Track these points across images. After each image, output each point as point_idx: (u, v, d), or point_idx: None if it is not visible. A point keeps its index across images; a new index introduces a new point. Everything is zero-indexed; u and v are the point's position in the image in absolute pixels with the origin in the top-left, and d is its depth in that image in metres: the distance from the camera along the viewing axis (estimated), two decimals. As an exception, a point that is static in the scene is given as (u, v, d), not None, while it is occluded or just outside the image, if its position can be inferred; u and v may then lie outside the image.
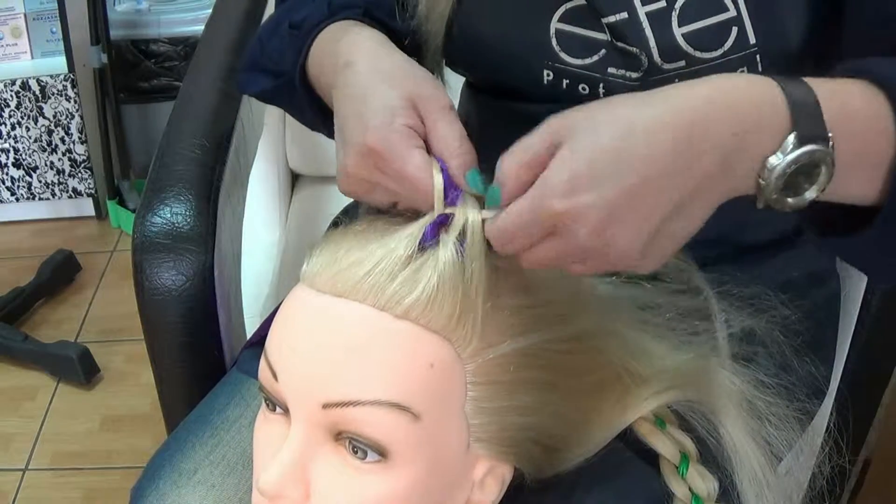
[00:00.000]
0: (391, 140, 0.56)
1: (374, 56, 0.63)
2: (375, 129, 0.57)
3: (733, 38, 0.66)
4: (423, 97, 0.58)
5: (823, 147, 0.51)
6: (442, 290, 0.53)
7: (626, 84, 0.69)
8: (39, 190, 2.17)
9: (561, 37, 0.70)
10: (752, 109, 0.51)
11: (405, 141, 0.56)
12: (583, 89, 0.70)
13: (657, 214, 0.51)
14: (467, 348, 0.54)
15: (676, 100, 0.51)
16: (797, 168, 0.51)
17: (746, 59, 0.66)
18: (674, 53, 0.67)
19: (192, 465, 0.74)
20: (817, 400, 0.79)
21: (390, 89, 0.59)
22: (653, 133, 0.49)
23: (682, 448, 0.62)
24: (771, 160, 0.51)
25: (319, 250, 0.57)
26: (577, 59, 0.70)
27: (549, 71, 0.71)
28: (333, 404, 0.53)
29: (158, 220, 0.84)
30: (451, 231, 0.55)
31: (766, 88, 0.52)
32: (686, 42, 0.66)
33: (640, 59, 0.68)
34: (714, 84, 0.52)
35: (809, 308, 0.78)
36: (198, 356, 0.86)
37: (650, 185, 0.49)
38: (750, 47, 0.66)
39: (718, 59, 0.66)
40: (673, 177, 0.50)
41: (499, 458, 0.58)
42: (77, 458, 1.65)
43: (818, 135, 0.51)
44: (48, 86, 2.06)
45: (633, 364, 0.61)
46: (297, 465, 0.54)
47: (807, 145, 0.51)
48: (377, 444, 0.53)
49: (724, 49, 0.66)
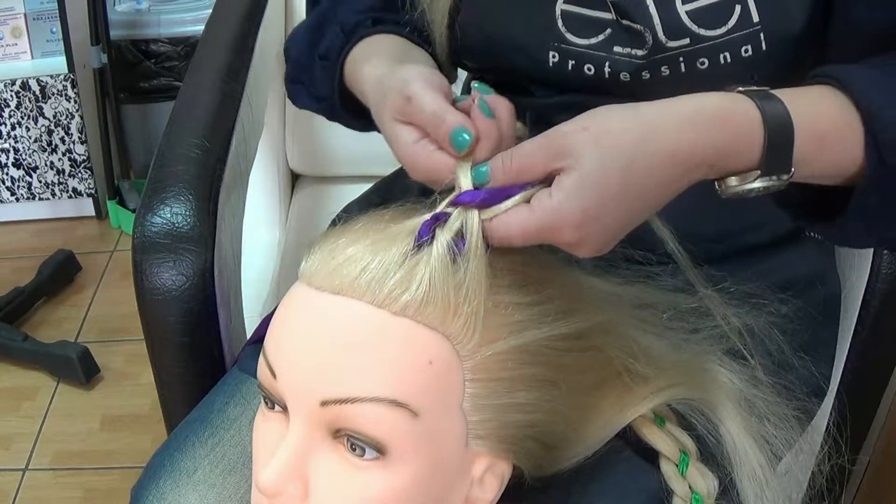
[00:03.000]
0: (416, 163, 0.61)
1: (378, 66, 0.68)
2: (404, 157, 0.62)
3: (737, 15, 0.66)
4: (398, 109, 0.61)
5: (782, 181, 0.58)
6: (438, 286, 0.53)
7: (631, 62, 0.69)
8: (39, 190, 2.17)
9: (567, 17, 0.71)
10: (733, 145, 0.57)
11: (422, 154, 0.60)
12: (588, 70, 0.71)
13: (634, 224, 0.57)
14: (466, 345, 0.54)
15: (676, 132, 0.56)
16: (748, 191, 0.58)
17: (750, 37, 0.67)
18: (678, 31, 0.68)
19: (192, 465, 0.74)
20: (817, 399, 0.79)
21: (381, 122, 0.64)
22: (651, 171, 0.55)
23: (682, 446, 0.62)
24: (730, 181, 0.58)
25: (317, 248, 0.57)
26: (583, 38, 0.71)
27: (555, 52, 0.71)
28: (332, 401, 0.53)
29: (158, 220, 0.84)
30: (446, 230, 0.55)
31: (754, 124, 0.57)
32: (690, 19, 0.67)
33: (644, 37, 0.68)
34: (714, 114, 0.57)
35: (809, 308, 0.78)
36: (198, 356, 0.86)
37: (641, 208, 0.56)
38: (753, 25, 0.67)
39: (722, 37, 0.67)
40: (659, 198, 0.57)
41: (498, 456, 0.58)
42: (77, 458, 1.65)
43: (781, 171, 0.58)
44: (48, 86, 2.06)
45: (633, 362, 0.61)
46: (295, 463, 0.54)
47: (766, 178, 0.57)
48: (375, 441, 0.53)
49: (727, 27, 0.67)
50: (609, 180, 0.54)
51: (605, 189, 0.54)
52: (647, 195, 0.56)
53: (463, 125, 0.57)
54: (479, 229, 0.55)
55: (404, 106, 0.60)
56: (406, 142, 0.61)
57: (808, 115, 0.58)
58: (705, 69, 0.68)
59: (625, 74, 0.70)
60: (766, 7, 0.67)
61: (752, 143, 0.57)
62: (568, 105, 0.73)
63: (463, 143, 0.57)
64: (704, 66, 0.68)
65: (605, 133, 0.54)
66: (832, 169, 0.60)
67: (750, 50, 0.67)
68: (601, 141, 0.54)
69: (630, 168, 0.54)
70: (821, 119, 0.58)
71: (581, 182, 0.53)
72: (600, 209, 0.54)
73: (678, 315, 0.65)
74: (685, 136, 0.55)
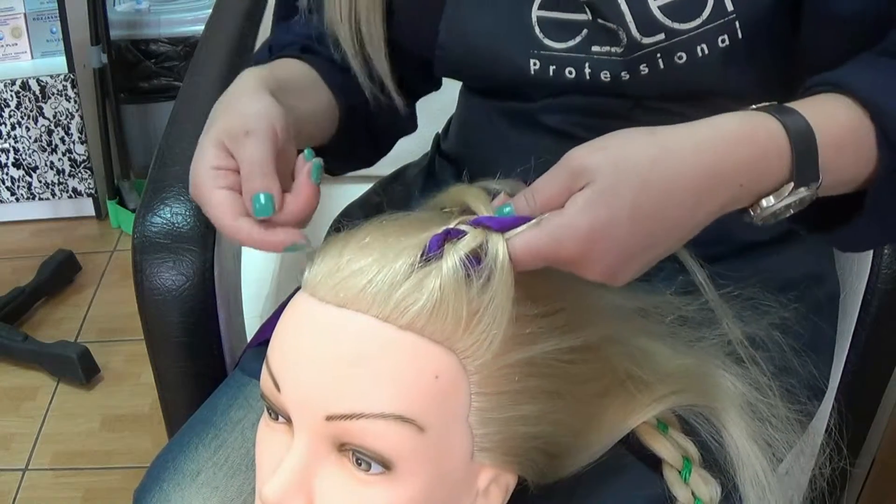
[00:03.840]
0: (198, 187, 0.62)
1: (228, 97, 0.68)
2: (193, 176, 0.63)
3: (710, 6, 0.66)
4: (229, 132, 0.62)
5: (813, 190, 0.57)
6: (446, 300, 0.52)
7: (611, 60, 0.69)
8: (39, 190, 2.17)
9: (543, 23, 0.70)
10: (762, 161, 0.56)
11: (207, 183, 0.61)
12: (569, 73, 0.71)
13: (659, 251, 0.56)
14: (474, 361, 0.54)
15: (696, 152, 0.55)
16: (785, 207, 0.57)
17: (725, 26, 0.66)
18: (651, 27, 0.67)
19: (195, 467, 0.73)
20: (817, 401, 0.79)
21: (206, 132, 0.64)
22: (667, 191, 0.54)
23: (685, 452, 0.62)
24: (766, 201, 0.57)
25: (321, 257, 0.56)
26: (561, 42, 0.70)
27: (535, 60, 0.71)
28: (337, 417, 0.52)
29: (158, 220, 0.84)
30: (459, 247, 0.54)
31: (778, 137, 0.56)
32: (663, 14, 0.66)
33: (619, 36, 0.68)
34: (735, 133, 0.56)
35: (809, 308, 0.78)
36: (198, 356, 0.86)
37: (659, 231, 0.55)
38: (728, 14, 0.66)
39: (698, 29, 0.66)
40: (680, 222, 0.55)
41: (503, 467, 0.57)
42: (77, 458, 1.65)
43: (811, 179, 0.57)
44: (48, 86, 2.06)
45: (637, 370, 0.61)
46: (300, 477, 0.54)
47: (800, 189, 0.57)
48: (381, 456, 0.52)
49: (702, 18, 0.66)
50: (622, 199, 0.53)
51: (618, 208, 0.53)
52: (664, 218, 0.55)
53: (268, 192, 0.60)
54: (505, 252, 0.54)
55: (238, 136, 0.61)
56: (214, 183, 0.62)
57: (823, 122, 0.58)
58: (684, 63, 0.67)
59: (605, 74, 0.69)
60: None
61: (781, 154, 0.56)
62: (554, 107, 0.74)
63: (261, 210, 0.60)
64: (683, 60, 0.67)
65: (621, 153, 0.54)
66: (849, 173, 0.60)
67: (727, 39, 0.66)
68: (618, 161, 0.54)
69: (644, 187, 0.53)
70: (835, 124, 0.59)
71: (593, 198, 0.53)
72: (611, 227, 0.53)
73: (680, 320, 0.65)
74: (704, 157, 0.55)
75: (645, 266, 0.56)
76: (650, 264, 0.57)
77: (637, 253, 0.55)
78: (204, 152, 0.62)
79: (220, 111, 0.65)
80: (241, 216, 0.61)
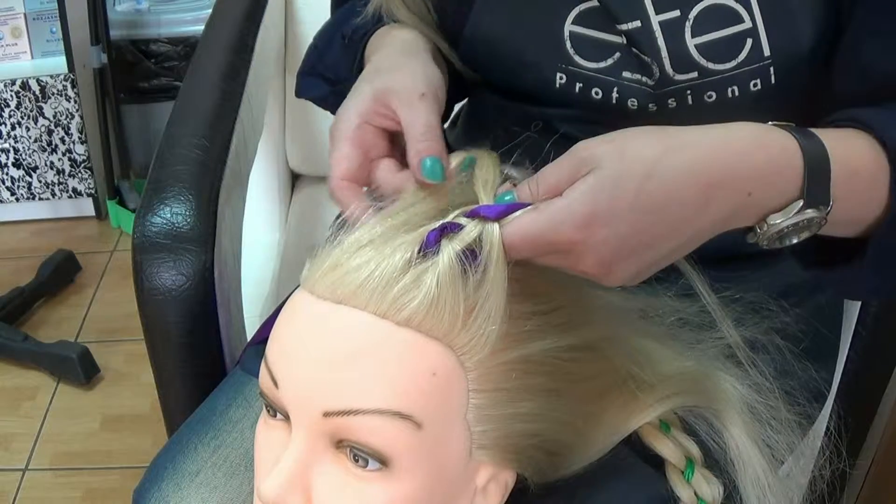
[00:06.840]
0: (339, 128, 0.63)
1: (381, 56, 0.68)
2: (341, 112, 0.63)
3: (747, 49, 0.65)
4: (393, 90, 0.62)
5: (822, 212, 0.56)
6: (446, 297, 0.52)
7: (641, 89, 0.68)
8: (39, 190, 2.17)
9: (575, 39, 0.69)
10: (773, 172, 0.55)
11: (349, 130, 0.62)
12: (596, 93, 0.69)
13: (658, 253, 0.55)
14: (472, 357, 0.54)
15: (707, 150, 0.54)
16: (792, 227, 0.56)
17: (759, 70, 0.65)
18: (686, 64, 0.66)
19: (194, 467, 0.73)
20: (818, 403, 0.79)
21: (369, 80, 0.64)
22: (673, 184, 0.53)
23: (688, 452, 0.62)
24: (772, 218, 0.56)
25: (319, 255, 0.56)
26: (592, 62, 0.69)
27: (563, 74, 0.70)
28: (334, 413, 0.52)
29: (158, 220, 0.84)
30: (456, 240, 0.54)
31: (791, 152, 0.55)
32: (699, 53, 0.65)
33: (651, 69, 0.67)
34: (748, 140, 0.55)
35: (810, 313, 0.78)
36: (198, 356, 0.86)
37: (660, 228, 0.53)
38: (764, 59, 0.65)
39: (732, 71, 0.65)
40: (682, 223, 0.54)
41: (502, 465, 0.57)
42: (77, 458, 1.65)
43: (821, 202, 0.56)
44: (48, 86, 2.06)
45: (638, 370, 0.61)
46: (298, 474, 0.54)
47: (808, 210, 0.56)
48: (378, 452, 0.52)
49: (737, 61, 0.65)
50: (624, 189, 0.52)
51: (619, 197, 0.52)
52: (667, 215, 0.53)
53: (440, 156, 0.59)
54: (499, 242, 0.53)
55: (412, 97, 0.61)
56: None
57: (841, 150, 0.57)
58: (713, 102, 0.66)
59: (633, 102, 0.68)
60: (777, 40, 0.65)
61: (793, 170, 0.55)
62: (577, 117, 0.72)
63: (430, 173, 0.59)
64: (712, 99, 0.66)
65: (629, 144, 0.53)
66: (859, 210, 0.59)
67: (759, 83, 0.65)
68: (624, 152, 0.53)
69: (648, 180, 0.52)
70: (853, 154, 0.58)
71: (595, 185, 0.52)
72: (610, 215, 0.52)
73: (681, 322, 0.65)
74: (715, 156, 0.54)
75: (640, 269, 0.55)
76: (646, 268, 0.55)
77: (634, 249, 0.53)
78: (362, 98, 0.63)
79: (386, 66, 0.66)
80: (347, 179, 0.62)
